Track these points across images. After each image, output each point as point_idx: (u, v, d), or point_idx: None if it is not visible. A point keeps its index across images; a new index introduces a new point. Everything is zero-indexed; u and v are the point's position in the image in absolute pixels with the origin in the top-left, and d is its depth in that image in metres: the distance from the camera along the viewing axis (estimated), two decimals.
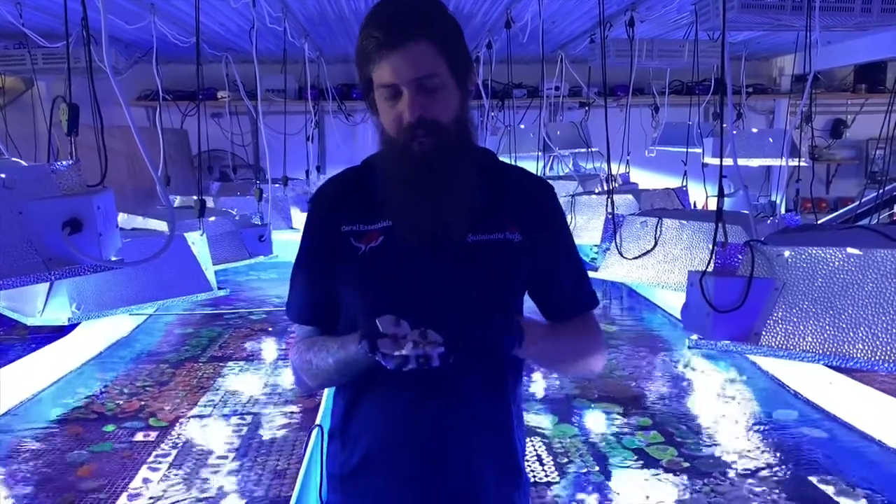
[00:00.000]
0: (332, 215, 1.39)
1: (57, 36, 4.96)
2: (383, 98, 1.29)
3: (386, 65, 1.25)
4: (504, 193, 1.39)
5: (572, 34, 6.54)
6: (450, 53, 1.29)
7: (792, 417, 4.18)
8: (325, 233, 1.38)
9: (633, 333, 5.92)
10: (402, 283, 1.33)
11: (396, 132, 1.29)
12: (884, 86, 8.26)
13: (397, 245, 1.33)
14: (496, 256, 1.35)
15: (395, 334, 1.16)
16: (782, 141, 4.74)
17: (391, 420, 1.35)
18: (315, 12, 5.65)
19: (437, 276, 1.32)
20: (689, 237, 2.90)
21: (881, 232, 1.91)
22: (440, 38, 1.28)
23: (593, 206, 4.42)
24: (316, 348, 1.37)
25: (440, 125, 1.28)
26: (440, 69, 1.28)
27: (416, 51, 1.25)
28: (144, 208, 4.09)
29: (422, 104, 1.26)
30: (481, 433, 1.37)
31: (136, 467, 3.62)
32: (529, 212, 1.40)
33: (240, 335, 5.96)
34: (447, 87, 1.29)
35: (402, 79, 1.25)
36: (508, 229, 1.36)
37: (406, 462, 1.35)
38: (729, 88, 2.04)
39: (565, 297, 1.46)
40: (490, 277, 1.35)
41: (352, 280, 1.36)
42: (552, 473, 3.51)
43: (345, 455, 1.40)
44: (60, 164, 1.87)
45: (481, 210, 1.34)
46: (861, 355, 1.71)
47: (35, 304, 2.40)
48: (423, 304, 1.28)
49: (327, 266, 1.38)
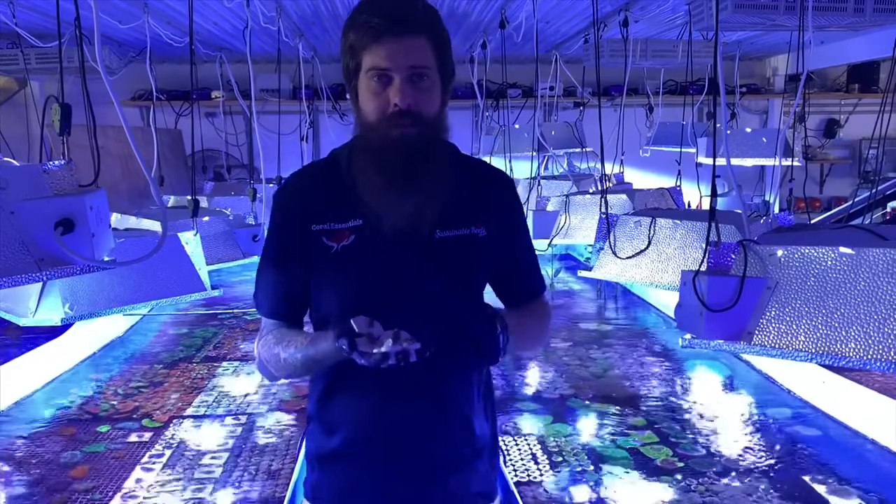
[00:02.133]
0: (301, 213, 1.40)
1: (50, 35, 4.94)
2: (371, 83, 1.30)
3: (382, 50, 1.27)
4: (469, 188, 1.43)
5: (567, 34, 6.55)
6: (441, 56, 1.33)
7: (785, 416, 4.19)
8: (296, 230, 1.40)
9: (627, 333, 5.93)
10: (374, 280, 1.37)
11: (379, 118, 1.31)
12: (877, 86, 8.29)
13: (368, 242, 1.36)
14: (463, 251, 1.40)
15: (370, 333, 1.19)
16: (776, 141, 4.75)
17: (364, 410, 1.41)
18: (309, 12, 5.65)
19: (407, 272, 1.36)
20: (683, 237, 2.91)
21: (874, 231, 1.92)
22: (437, 38, 1.32)
23: (587, 205, 4.43)
24: (285, 343, 1.40)
25: (423, 117, 1.31)
26: (432, 65, 1.31)
27: (415, 43, 1.28)
28: (138, 208, 4.09)
29: (412, 94, 1.29)
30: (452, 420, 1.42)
31: (130, 468, 3.61)
32: (493, 206, 1.44)
33: (234, 335, 5.95)
34: (435, 85, 1.33)
35: (397, 65, 1.28)
36: (474, 224, 1.41)
37: (378, 449, 1.41)
38: (722, 88, 2.05)
39: (523, 285, 1.54)
40: (457, 272, 1.39)
41: (325, 278, 1.40)
42: (546, 473, 3.51)
43: (322, 438, 1.46)
44: (53, 163, 1.87)
45: (449, 205, 1.38)
46: (853, 354, 1.71)
47: (27, 305, 2.39)
48: (394, 300, 1.33)
49: (298, 262, 1.40)
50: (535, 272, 1.55)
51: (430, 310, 1.31)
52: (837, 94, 8.68)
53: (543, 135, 5.83)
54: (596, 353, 5.34)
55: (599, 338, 5.74)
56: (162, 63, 6.68)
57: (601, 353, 5.33)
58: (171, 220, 2.79)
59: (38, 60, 5.20)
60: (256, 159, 6.50)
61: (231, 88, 4.78)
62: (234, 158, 8.68)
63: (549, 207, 4.84)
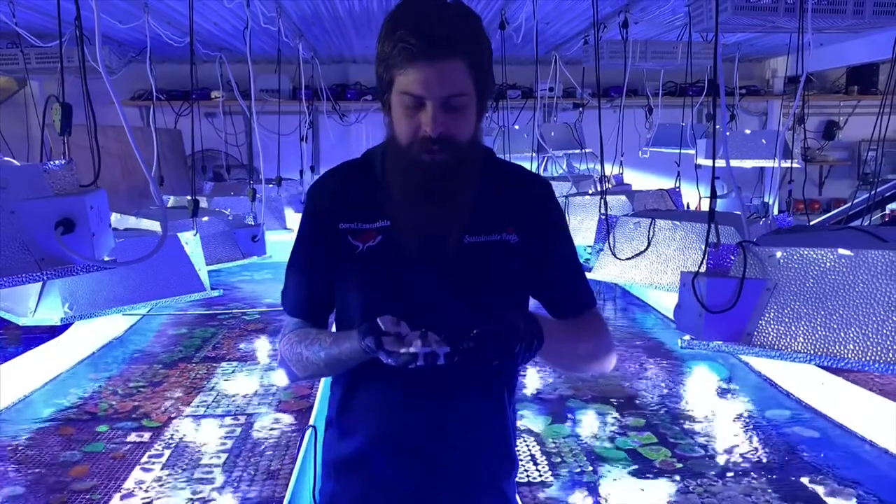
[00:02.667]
0: (331, 211, 1.38)
1: (50, 35, 4.94)
2: (403, 105, 1.26)
3: (416, 74, 1.21)
4: (501, 193, 1.39)
5: (566, 35, 6.56)
6: (479, 73, 1.26)
7: (784, 417, 4.19)
8: (323, 228, 1.38)
9: (626, 334, 5.94)
10: (398, 282, 1.33)
11: (409, 141, 1.27)
12: (876, 87, 8.29)
13: (395, 245, 1.33)
14: (493, 258, 1.35)
15: (398, 333, 1.16)
16: (775, 142, 4.75)
17: (385, 413, 1.36)
18: (309, 12, 5.65)
19: (434, 277, 1.32)
20: (682, 238, 2.91)
21: (872, 233, 1.93)
22: (474, 56, 1.25)
23: (587, 206, 4.43)
24: (308, 341, 1.37)
25: (456, 143, 1.27)
26: (468, 89, 1.25)
27: (450, 68, 1.22)
28: (137, 208, 4.09)
29: (444, 122, 1.24)
30: (475, 426, 1.38)
31: (129, 468, 3.61)
32: (526, 212, 1.39)
33: (233, 335, 5.95)
34: (469, 107, 1.28)
35: (431, 94, 1.22)
36: (505, 230, 1.36)
37: (399, 454, 1.36)
38: (722, 90, 2.05)
39: (563, 296, 1.45)
40: (486, 279, 1.35)
41: (348, 278, 1.37)
42: (545, 473, 3.51)
43: (341, 444, 1.42)
44: (53, 163, 1.87)
45: (479, 211, 1.34)
46: (852, 355, 1.72)
47: (27, 305, 2.39)
48: (418, 304, 1.29)
49: (324, 262, 1.38)
50: (578, 283, 1.47)
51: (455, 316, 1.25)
52: (837, 95, 8.68)
53: (543, 136, 5.83)
54: None
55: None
56: (162, 63, 6.68)
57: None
58: (171, 221, 2.79)
59: (37, 60, 5.20)
60: (256, 159, 6.51)
61: (231, 89, 4.78)
62: (234, 159, 8.68)
63: None
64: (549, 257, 1.42)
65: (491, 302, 1.31)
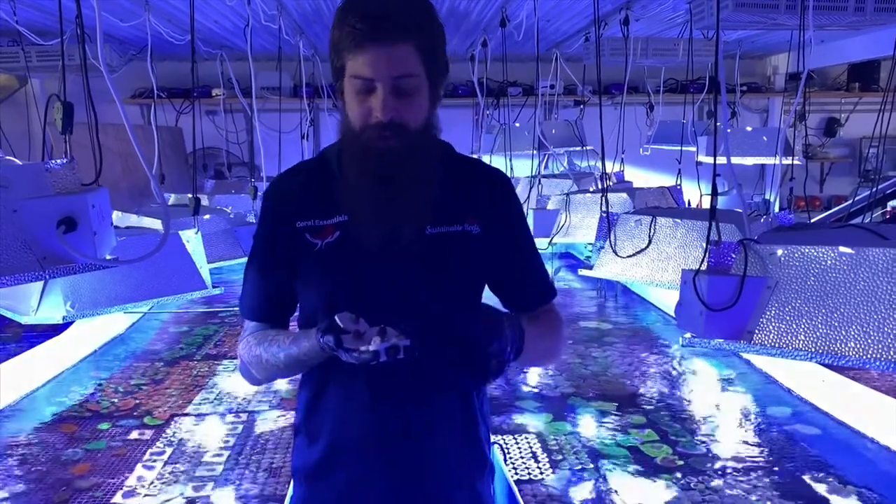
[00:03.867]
0: (287, 210, 1.36)
1: (51, 33, 4.94)
2: (354, 89, 1.25)
3: (365, 58, 1.21)
4: (462, 186, 1.38)
5: (567, 32, 6.55)
6: (430, 58, 1.25)
7: (785, 415, 4.20)
8: (280, 228, 1.36)
9: (627, 331, 5.94)
10: (360, 277, 1.32)
11: (362, 126, 1.26)
12: (877, 84, 8.29)
13: (354, 239, 1.31)
14: (455, 248, 1.34)
15: (356, 330, 1.16)
16: (776, 139, 4.75)
17: (353, 413, 1.35)
18: (310, 9, 5.65)
19: (396, 269, 1.31)
20: (683, 235, 2.91)
21: (874, 230, 1.92)
22: (424, 40, 1.24)
23: (588, 204, 4.43)
24: (266, 343, 1.36)
25: (408, 128, 1.26)
26: (418, 71, 1.24)
27: (399, 50, 1.21)
28: (139, 206, 4.09)
29: (395, 105, 1.23)
30: (443, 428, 1.36)
31: (131, 465, 3.62)
32: (487, 204, 1.38)
33: (234, 333, 5.96)
34: (421, 91, 1.26)
35: (380, 75, 1.22)
36: (467, 221, 1.35)
37: (368, 455, 1.35)
38: (723, 87, 2.05)
39: (526, 289, 1.45)
40: (448, 269, 1.34)
41: (309, 276, 1.35)
42: (546, 471, 3.51)
43: (309, 450, 1.40)
44: (55, 162, 1.87)
45: (440, 202, 1.33)
46: (853, 353, 1.72)
47: (29, 303, 2.40)
48: (380, 299, 1.28)
49: (282, 262, 1.36)
50: (539, 275, 1.46)
51: (419, 308, 1.26)
52: (838, 92, 8.68)
53: (544, 133, 5.83)
54: (596, 351, 5.35)
55: (600, 336, 5.75)
56: (162, 61, 6.67)
57: (601, 352, 5.33)
58: (173, 219, 2.78)
59: (38, 58, 5.20)
60: (257, 157, 6.53)
61: (232, 86, 4.79)
62: (235, 156, 8.68)
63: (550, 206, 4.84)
64: (511, 250, 1.41)
65: (452, 293, 1.32)
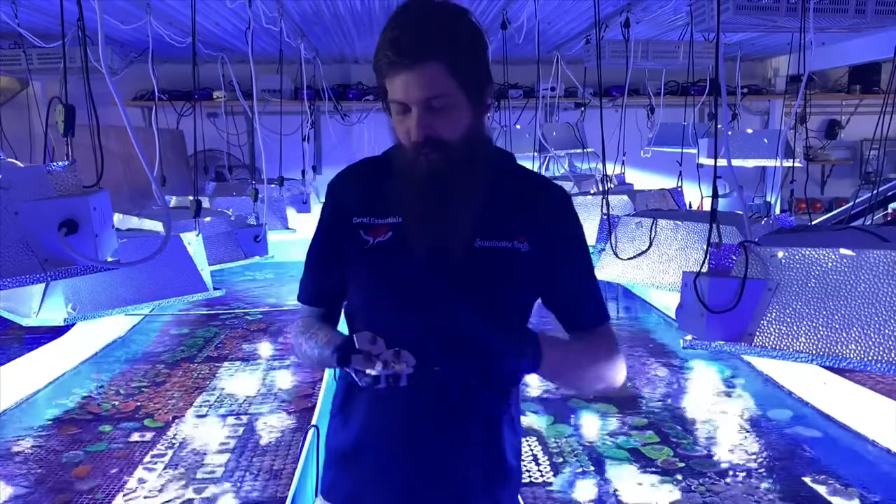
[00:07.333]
0: (347, 204, 1.41)
1: (52, 36, 4.95)
2: (395, 111, 1.31)
3: (397, 82, 1.26)
4: (517, 200, 1.38)
5: (568, 35, 6.55)
6: (463, 72, 1.28)
7: (786, 417, 4.19)
8: (338, 221, 1.41)
9: (628, 334, 5.94)
10: (402, 281, 1.34)
11: (405, 143, 1.32)
12: (878, 87, 8.28)
13: (404, 242, 1.34)
14: (500, 264, 1.34)
15: (369, 352, 1.18)
16: (777, 142, 4.74)
17: (384, 410, 1.37)
18: (311, 12, 5.65)
19: (439, 277, 1.32)
20: (684, 238, 2.91)
21: (875, 233, 1.92)
22: (453, 56, 1.26)
23: (588, 206, 4.41)
24: (307, 335, 1.42)
25: (446, 143, 1.29)
26: (450, 89, 1.27)
27: (426, 71, 1.25)
28: (140, 209, 4.08)
29: (428, 124, 1.27)
30: (473, 429, 1.37)
31: (132, 468, 3.62)
32: (541, 221, 1.38)
33: (235, 336, 5.96)
34: (457, 106, 1.29)
35: (412, 98, 1.26)
36: (517, 238, 1.35)
37: (395, 451, 1.37)
38: (723, 89, 2.05)
39: (574, 310, 1.44)
40: (491, 285, 1.34)
41: (357, 271, 1.39)
42: (547, 473, 3.51)
43: (341, 434, 1.44)
44: (56, 164, 1.87)
45: (492, 215, 1.34)
46: (854, 355, 1.72)
47: (31, 305, 2.40)
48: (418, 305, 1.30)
49: (336, 254, 1.42)
50: (590, 298, 1.44)
51: (453, 321, 1.27)
52: (838, 94, 8.67)
53: (545, 135, 5.82)
54: None
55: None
56: (163, 63, 6.67)
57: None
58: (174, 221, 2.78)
59: (40, 61, 5.21)
60: (258, 160, 6.52)
61: (233, 89, 4.78)
62: (236, 159, 8.68)
63: None
64: (560, 270, 1.40)
65: (492, 309, 1.31)
